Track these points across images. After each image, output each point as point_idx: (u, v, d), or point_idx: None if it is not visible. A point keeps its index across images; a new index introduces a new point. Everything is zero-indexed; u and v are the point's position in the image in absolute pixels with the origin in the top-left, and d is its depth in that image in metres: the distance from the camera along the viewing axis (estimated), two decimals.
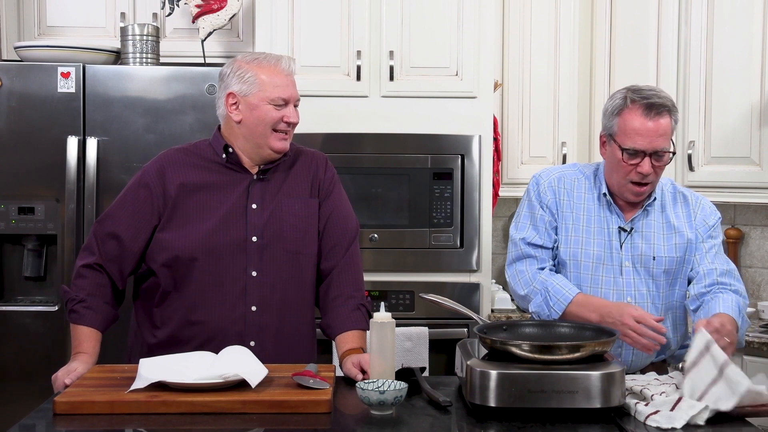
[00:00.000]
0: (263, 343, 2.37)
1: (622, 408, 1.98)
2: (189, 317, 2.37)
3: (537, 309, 2.42)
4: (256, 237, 2.38)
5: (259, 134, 2.38)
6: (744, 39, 3.42)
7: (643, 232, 2.46)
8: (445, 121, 3.54)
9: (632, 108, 2.36)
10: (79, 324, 2.34)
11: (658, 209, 2.49)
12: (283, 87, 2.38)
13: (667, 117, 2.36)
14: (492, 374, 1.94)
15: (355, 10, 3.54)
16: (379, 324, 2.12)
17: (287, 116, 2.38)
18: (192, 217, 2.37)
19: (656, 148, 2.35)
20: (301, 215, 2.43)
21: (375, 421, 1.94)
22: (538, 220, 2.49)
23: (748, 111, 3.41)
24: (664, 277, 2.45)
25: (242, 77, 2.38)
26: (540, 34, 3.87)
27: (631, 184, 2.40)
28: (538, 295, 2.43)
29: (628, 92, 2.40)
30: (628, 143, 2.35)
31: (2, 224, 3.35)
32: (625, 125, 2.36)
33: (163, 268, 2.37)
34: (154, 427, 1.90)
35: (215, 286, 2.36)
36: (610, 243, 2.45)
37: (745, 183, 3.43)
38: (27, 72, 3.36)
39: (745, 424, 1.97)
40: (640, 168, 2.36)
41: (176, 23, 3.84)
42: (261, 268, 2.38)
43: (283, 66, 2.41)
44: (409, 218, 3.52)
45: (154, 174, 2.40)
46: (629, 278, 2.44)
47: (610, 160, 2.44)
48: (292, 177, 2.46)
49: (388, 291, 3.48)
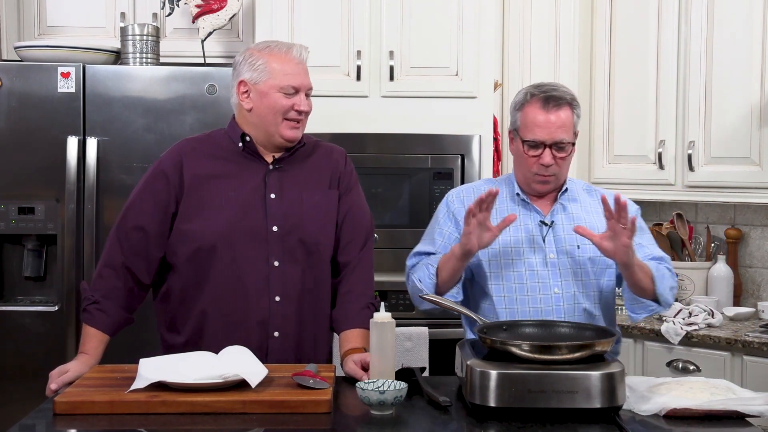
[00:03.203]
0: (286, 334, 2.36)
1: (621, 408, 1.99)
2: (212, 310, 2.35)
3: (419, 277, 2.42)
4: (276, 227, 2.37)
5: (270, 122, 2.37)
6: (744, 39, 3.42)
7: (563, 224, 2.48)
8: (445, 121, 3.54)
9: (532, 102, 2.44)
10: (88, 324, 2.35)
11: (573, 201, 2.53)
12: (294, 75, 2.37)
13: (566, 109, 2.43)
14: (492, 374, 1.94)
15: (355, 10, 3.54)
16: (379, 324, 2.12)
17: (297, 104, 2.37)
18: (210, 207, 2.36)
19: (555, 139, 2.41)
20: (321, 207, 2.42)
21: (375, 421, 1.94)
22: (436, 235, 2.53)
23: (748, 111, 3.41)
24: (590, 266, 2.46)
25: (253, 65, 2.38)
26: (540, 34, 3.87)
27: (536, 176, 2.45)
28: (419, 270, 2.44)
29: (530, 88, 2.49)
30: (529, 135, 2.42)
31: (2, 224, 3.35)
32: (526, 118, 2.44)
33: (185, 263, 2.36)
34: (154, 427, 1.90)
35: (237, 277, 2.34)
36: (531, 238, 2.46)
37: (745, 183, 3.43)
38: (27, 72, 3.36)
39: (745, 424, 1.98)
40: (541, 159, 2.42)
41: (176, 23, 3.84)
42: (283, 257, 2.37)
43: (294, 54, 2.39)
44: (409, 218, 3.52)
45: (171, 164, 2.40)
46: (555, 269, 2.44)
47: (516, 155, 2.51)
48: (311, 168, 2.46)
49: (388, 291, 3.48)
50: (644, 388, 2.11)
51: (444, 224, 2.53)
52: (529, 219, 2.49)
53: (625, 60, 3.77)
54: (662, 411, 2.00)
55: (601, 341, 2.03)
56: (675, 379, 2.22)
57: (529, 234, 2.47)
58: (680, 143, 3.60)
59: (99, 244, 3.31)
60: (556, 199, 2.51)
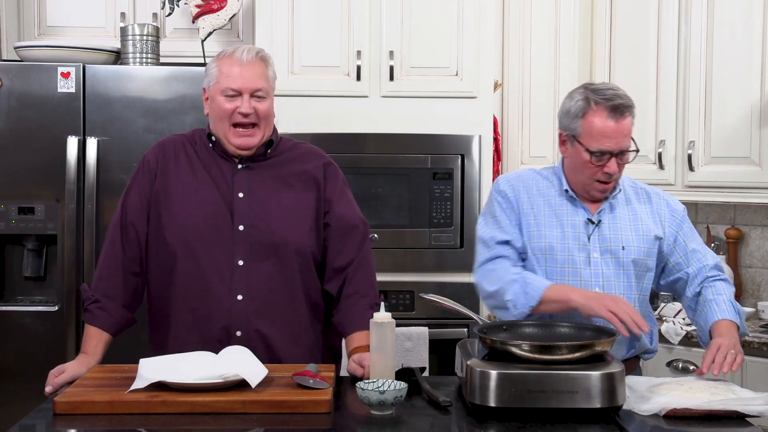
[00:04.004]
0: (249, 333, 2.34)
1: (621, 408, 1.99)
2: (176, 306, 2.35)
3: (513, 297, 2.36)
4: (242, 226, 2.36)
5: (220, 128, 2.37)
6: (744, 39, 3.42)
7: (610, 224, 2.46)
8: (445, 121, 3.54)
9: (597, 110, 2.36)
10: (89, 324, 2.35)
11: (623, 202, 2.50)
12: (236, 77, 2.32)
13: (629, 117, 2.38)
14: (492, 374, 1.94)
15: (355, 10, 3.54)
16: (379, 324, 2.12)
17: (239, 107, 2.33)
18: (178, 203, 2.37)
19: (622, 148, 2.37)
20: (292, 208, 2.39)
21: (375, 421, 1.94)
22: (502, 218, 2.48)
23: (748, 111, 3.41)
24: (633, 268, 2.44)
25: (208, 70, 2.40)
26: (540, 34, 3.87)
27: (597, 183, 2.41)
28: (514, 284, 2.37)
29: (589, 92, 2.40)
30: (595, 146, 2.36)
31: (2, 224, 3.36)
32: (591, 128, 2.36)
33: (154, 258, 2.38)
34: (154, 427, 1.90)
35: (201, 274, 2.34)
36: (577, 235, 2.44)
37: (745, 183, 3.43)
38: (27, 72, 3.36)
39: (745, 424, 1.98)
40: (606, 168, 2.37)
41: (176, 23, 3.84)
42: (249, 257, 2.35)
43: (238, 55, 2.34)
44: (409, 218, 3.52)
45: (153, 157, 2.43)
46: (597, 269, 2.42)
47: (574, 161, 2.44)
48: (284, 169, 2.43)
49: (388, 291, 3.48)
50: (644, 388, 2.11)
51: (507, 209, 2.48)
52: (576, 216, 2.46)
53: (625, 60, 3.77)
54: (662, 411, 2.00)
55: (600, 341, 2.03)
56: (675, 379, 2.22)
57: (575, 231, 2.44)
58: (680, 143, 3.60)
59: (99, 244, 3.30)
60: (606, 198, 2.47)
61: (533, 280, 2.37)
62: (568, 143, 2.44)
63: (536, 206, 2.47)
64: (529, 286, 2.35)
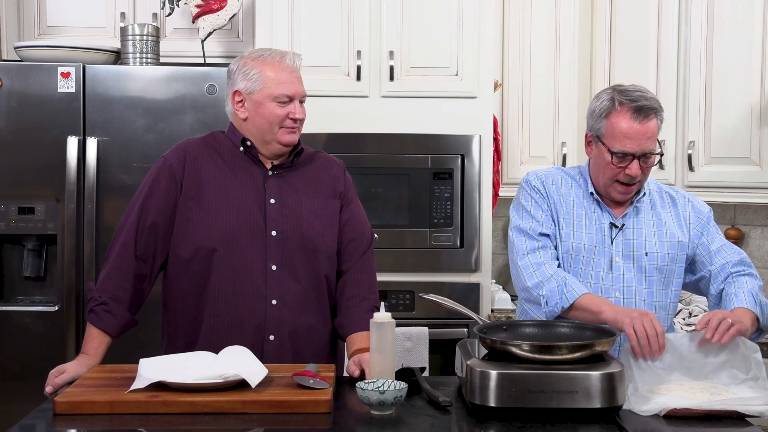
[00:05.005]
0: (281, 338, 2.36)
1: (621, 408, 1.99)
2: (209, 312, 2.35)
3: (548, 293, 2.36)
4: (275, 231, 2.38)
5: (266, 131, 2.39)
6: (744, 39, 3.42)
7: (634, 229, 2.45)
8: (445, 121, 3.54)
9: (621, 111, 2.35)
10: (94, 325, 2.34)
11: (648, 207, 2.49)
12: (288, 84, 2.38)
13: (654, 119, 2.36)
14: (492, 374, 1.94)
15: (355, 10, 3.54)
16: (379, 324, 2.12)
17: (292, 113, 2.38)
18: (210, 208, 2.36)
19: (645, 150, 2.35)
20: (320, 214, 2.43)
21: (375, 421, 1.94)
22: (537, 211, 2.48)
23: (748, 111, 3.41)
24: (656, 275, 2.44)
25: (247, 74, 2.38)
26: (540, 34, 3.87)
27: (618, 184, 2.40)
28: (553, 282, 2.37)
29: (615, 93, 2.38)
30: (617, 146, 2.35)
31: (2, 224, 3.36)
32: (614, 128, 2.35)
33: (185, 264, 2.37)
34: (154, 427, 1.90)
35: (235, 279, 2.35)
36: (602, 238, 2.44)
37: (745, 183, 3.43)
38: (27, 72, 3.36)
39: (745, 424, 1.98)
40: (628, 170, 2.37)
41: (176, 23, 3.84)
42: (281, 262, 2.37)
43: (288, 62, 2.40)
44: (409, 218, 3.52)
45: (176, 159, 2.41)
46: (618, 273, 2.42)
47: (597, 161, 2.44)
48: (310, 176, 2.47)
49: (388, 291, 3.48)
50: (644, 388, 2.11)
51: (540, 201, 2.47)
52: (601, 219, 2.46)
53: (625, 60, 3.77)
54: (662, 411, 2.00)
55: (600, 341, 2.03)
56: (675, 379, 2.21)
57: (599, 234, 2.44)
58: (680, 143, 3.60)
59: (99, 244, 3.31)
60: (631, 202, 2.47)
61: (572, 282, 2.37)
62: (592, 144, 2.43)
63: (566, 206, 2.47)
64: (567, 287, 2.35)
